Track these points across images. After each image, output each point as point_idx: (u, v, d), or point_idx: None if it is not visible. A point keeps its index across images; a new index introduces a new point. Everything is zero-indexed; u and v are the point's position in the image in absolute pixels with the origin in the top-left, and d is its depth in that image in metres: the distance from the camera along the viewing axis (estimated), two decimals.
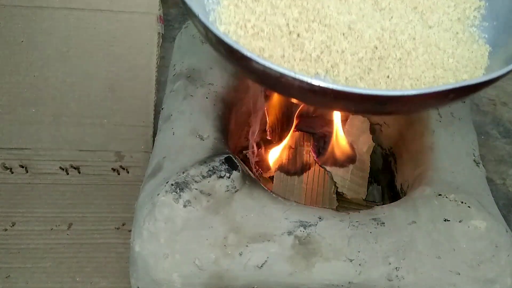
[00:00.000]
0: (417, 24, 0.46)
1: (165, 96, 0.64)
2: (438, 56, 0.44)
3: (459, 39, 0.46)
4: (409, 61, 0.43)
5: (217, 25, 0.43)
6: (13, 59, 0.79)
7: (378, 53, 0.42)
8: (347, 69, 0.41)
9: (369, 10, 0.45)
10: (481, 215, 0.50)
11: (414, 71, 0.42)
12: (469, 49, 0.46)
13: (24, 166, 0.73)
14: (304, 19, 0.42)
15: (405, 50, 0.43)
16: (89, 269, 0.64)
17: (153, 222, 0.48)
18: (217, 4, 0.44)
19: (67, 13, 0.82)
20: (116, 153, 0.76)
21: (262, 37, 0.42)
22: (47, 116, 0.77)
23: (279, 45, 0.42)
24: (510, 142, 0.88)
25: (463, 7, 0.49)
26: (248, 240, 0.48)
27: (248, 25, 0.43)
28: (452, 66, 0.43)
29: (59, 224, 0.68)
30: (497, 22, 0.48)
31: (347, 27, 0.42)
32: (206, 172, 0.49)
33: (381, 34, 0.43)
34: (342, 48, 0.42)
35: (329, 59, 0.41)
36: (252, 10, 0.43)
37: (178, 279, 0.48)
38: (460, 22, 0.48)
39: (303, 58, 0.41)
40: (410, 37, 0.44)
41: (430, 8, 0.48)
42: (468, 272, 0.49)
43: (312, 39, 0.42)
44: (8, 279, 0.62)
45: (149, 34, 0.83)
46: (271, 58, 0.41)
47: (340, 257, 0.49)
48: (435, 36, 0.45)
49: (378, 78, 0.42)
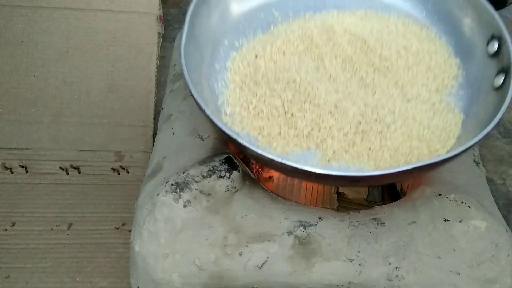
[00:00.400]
0: (397, 98, 0.50)
1: (165, 96, 0.64)
2: (414, 128, 0.48)
3: (435, 110, 0.50)
4: (389, 133, 0.47)
5: (225, 107, 0.50)
6: (13, 59, 0.79)
7: (361, 127, 0.48)
8: (334, 143, 0.47)
9: (355, 88, 0.50)
10: (481, 215, 0.50)
11: (393, 142, 0.47)
12: (444, 118, 0.49)
13: (24, 166, 0.73)
14: (297, 100, 0.49)
15: (385, 123, 0.48)
16: (89, 269, 0.64)
17: (153, 222, 0.48)
18: (225, 87, 0.51)
19: (67, 13, 0.82)
20: (116, 153, 0.76)
21: (262, 117, 0.49)
22: (47, 116, 0.77)
23: (276, 123, 0.48)
24: (510, 142, 0.88)
25: (442, 77, 0.52)
26: (248, 240, 0.48)
27: (251, 107, 0.49)
28: (427, 137, 0.48)
29: (59, 224, 0.68)
30: (472, 90, 0.51)
31: (334, 106, 0.48)
32: (206, 172, 0.49)
33: (364, 110, 0.48)
34: (329, 125, 0.47)
35: (319, 135, 0.47)
36: (254, 92, 0.50)
37: (178, 279, 0.48)
38: (438, 93, 0.51)
39: (296, 134, 0.48)
40: (390, 111, 0.49)
41: (410, 82, 0.51)
42: (468, 272, 0.49)
43: (304, 118, 0.48)
44: (8, 279, 0.62)
45: (149, 34, 0.83)
46: (269, 136, 0.48)
47: (340, 257, 0.49)
48: (412, 110, 0.49)
49: (361, 150, 0.47)
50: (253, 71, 0.52)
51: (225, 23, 0.55)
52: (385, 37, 0.54)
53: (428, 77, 0.52)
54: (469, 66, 0.52)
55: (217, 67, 0.53)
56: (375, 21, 0.56)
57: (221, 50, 0.54)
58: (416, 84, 0.51)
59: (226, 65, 0.53)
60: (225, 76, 0.52)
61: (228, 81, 0.52)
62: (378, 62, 0.52)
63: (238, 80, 0.52)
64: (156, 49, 0.83)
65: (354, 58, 0.53)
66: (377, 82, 0.51)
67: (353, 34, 0.54)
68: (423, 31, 0.56)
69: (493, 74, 0.49)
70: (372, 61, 0.53)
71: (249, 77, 0.52)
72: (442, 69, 0.52)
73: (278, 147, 0.47)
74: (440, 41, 0.55)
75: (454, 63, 0.53)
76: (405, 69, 0.52)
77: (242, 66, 0.53)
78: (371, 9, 0.58)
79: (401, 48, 0.53)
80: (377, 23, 0.56)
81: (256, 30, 0.56)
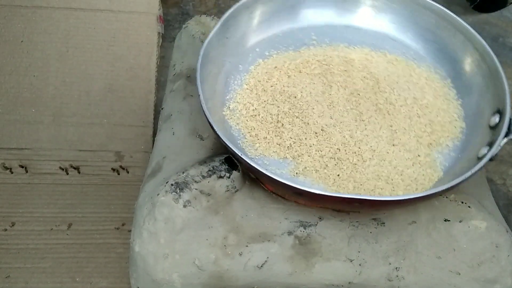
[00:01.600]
0: (383, 140, 0.52)
1: (165, 96, 0.64)
2: (386, 171, 0.50)
3: (416, 161, 0.51)
4: (361, 168, 0.50)
5: (231, 102, 0.55)
6: (13, 59, 0.79)
7: (339, 154, 0.51)
8: (309, 160, 0.50)
9: (349, 119, 0.54)
10: (481, 215, 0.50)
11: (361, 177, 0.50)
12: (421, 172, 0.51)
13: (24, 166, 0.73)
14: (291, 114, 0.54)
15: (362, 158, 0.51)
16: (89, 269, 0.64)
17: (153, 222, 0.48)
18: (239, 86, 0.57)
19: (67, 13, 0.82)
20: (116, 153, 0.76)
21: (257, 119, 0.54)
22: (47, 116, 0.77)
23: (266, 128, 0.53)
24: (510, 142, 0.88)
25: (440, 135, 0.54)
26: (248, 240, 0.48)
27: (251, 108, 0.54)
28: (395, 182, 0.50)
29: (59, 224, 0.68)
30: (462, 155, 0.52)
31: (321, 128, 0.53)
32: (206, 172, 0.49)
33: (347, 140, 0.52)
34: (310, 143, 0.52)
35: (298, 149, 0.51)
36: (259, 97, 0.56)
37: (178, 279, 0.48)
38: (429, 147, 0.53)
39: (279, 143, 0.52)
40: (370, 149, 0.52)
41: (404, 129, 0.53)
42: (468, 272, 0.49)
43: (291, 131, 0.52)
44: (8, 279, 0.62)
45: (149, 34, 0.83)
46: (256, 137, 0.52)
47: (340, 257, 0.49)
48: (393, 154, 0.52)
49: (330, 174, 0.50)
50: (267, 78, 0.57)
51: (262, 33, 0.61)
52: (400, 83, 0.58)
53: (426, 131, 0.54)
54: (470, 133, 0.54)
55: (240, 67, 0.58)
56: (402, 67, 0.60)
57: (250, 55, 0.60)
58: (409, 133, 0.53)
59: (249, 68, 0.59)
60: (243, 76, 0.58)
61: (243, 82, 0.57)
62: (382, 103, 0.55)
63: (252, 83, 0.57)
64: (156, 49, 0.83)
65: (362, 93, 0.56)
66: (373, 120, 0.54)
67: (370, 73, 0.58)
68: (443, 89, 0.58)
69: (484, 144, 0.50)
70: (377, 101, 0.56)
71: (261, 83, 0.57)
72: (444, 128, 0.54)
73: (259, 148, 0.51)
74: (455, 102, 0.57)
75: (459, 126, 0.55)
76: (405, 117, 0.55)
77: (261, 72, 0.58)
78: (405, 56, 0.61)
79: (411, 98, 0.56)
80: (402, 69, 0.59)
81: (289, 47, 0.61)
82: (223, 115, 0.54)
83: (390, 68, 0.59)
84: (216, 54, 0.56)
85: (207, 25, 0.67)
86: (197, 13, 1.01)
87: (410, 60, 0.60)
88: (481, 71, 0.55)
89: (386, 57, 0.61)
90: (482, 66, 0.55)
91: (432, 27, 0.60)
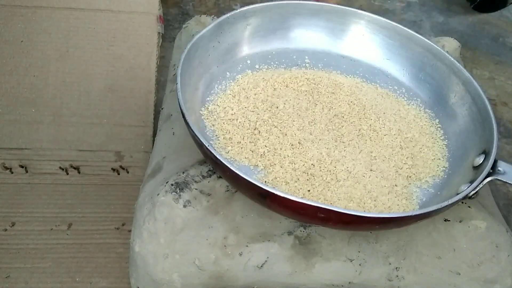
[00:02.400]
0: (361, 163, 0.50)
1: (165, 96, 0.64)
2: (360, 194, 0.48)
3: (392, 190, 0.49)
4: (333, 187, 0.48)
5: (210, 103, 0.54)
6: (13, 59, 0.79)
7: (312, 170, 0.49)
8: (280, 171, 0.48)
9: (329, 139, 0.52)
10: (481, 215, 0.50)
11: (332, 196, 0.47)
12: (395, 201, 0.49)
13: (24, 166, 0.73)
14: (270, 122, 0.52)
15: (336, 177, 0.49)
16: (89, 269, 0.64)
17: (153, 222, 0.48)
18: (222, 91, 0.56)
19: (67, 13, 0.82)
20: (116, 153, 0.76)
21: (234, 123, 0.52)
22: (47, 116, 0.77)
23: (241, 133, 0.51)
24: (510, 142, 0.88)
25: (421, 171, 0.52)
26: (248, 240, 0.48)
27: (230, 112, 0.53)
28: (367, 206, 0.47)
29: (59, 224, 0.68)
30: (441, 193, 0.50)
31: (298, 141, 0.51)
32: (206, 172, 0.49)
33: (323, 158, 0.50)
34: (285, 154, 0.49)
35: (270, 159, 0.49)
36: (240, 102, 0.55)
37: (178, 279, 0.48)
38: (408, 180, 0.51)
39: (253, 149, 0.50)
40: (346, 170, 0.49)
41: (383, 157, 0.52)
42: (468, 272, 0.49)
43: (267, 139, 0.51)
44: (8, 279, 0.62)
45: (149, 34, 0.83)
46: (230, 140, 0.51)
47: (340, 257, 0.49)
48: (369, 179, 0.49)
49: (300, 188, 0.47)
50: (252, 87, 0.56)
51: (256, 46, 0.61)
52: (387, 114, 0.57)
53: (406, 163, 0.52)
54: (452, 172, 0.52)
55: (228, 74, 0.58)
56: (390, 101, 0.59)
57: (240, 65, 0.59)
58: (389, 162, 0.52)
59: (236, 77, 0.58)
60: (229, 83, 0.57)
61: (227, 88, 0.57)
62: (365, 129, 0.54)
63: (236, 90, 0.56)
64: (156, 49, 0.83)
65: (346, 117, 0.55)
66: (353, 143, 0.53)
67: (358, 99, 0.58)
68: (431, 128, 0.57)
69: (466, 184, 0.48)
70: (361, 126, 0.55)
71: (246, 91, 0.56)
72: (425, 164, 0.53)
73: (231, 152, 0.50)
74: (441, 142, 0.56)
75: (442, 166, 0.53)
76: (387, 146, 0.53)
77: (247, 82, 0.57)
78: (396, 92, 0.61)
79: (396, 129, 0.55)
80: (391, 103, 0.59)
81: (280, 65, 0.61)
82: (200, 114, 0.53)
83: (379, 100, 0.59)
84: (204, 54, 0.55)
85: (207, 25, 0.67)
86: (197, 13, 1.01)
87: (400, 97, 0.60)
88: (471, 114, 0.55)
89: (377, 90, 0.60)
90: (473, 109, 0.55)
91: (427, 68, 0.60)
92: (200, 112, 0.53)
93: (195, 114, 0.52)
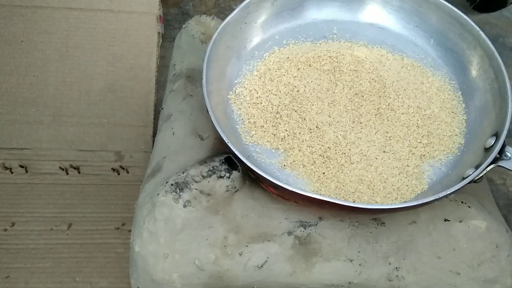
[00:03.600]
0: (375, 145, 0.52)
1: (165, 96, 0.64)
2: (370, 176, 0.50)
3: (403, 171, 0.51)
4: (347, 169, 0.50)
5: (238, 86, 0.57)
6: (13, 59, 0.79)
7: (328, 153, 0.51)
8: (298, 154, 0.51)
9: (347, 120, 0.54)
10: (481, 215, 0.50)
11: (344, 178, 0.50)
12: (406, 182, 0.50)
13: (24, 166, 0.73)
14: (291, 107, 0.55)
15: (350, 160, 0.51)
16: (89, 269, 0.64)
17: (153, 222, 0.48)
18: (250, 72, 0.58)
19: (67, 13, 0.82)
20: (116, 153, 0.76)
21: (258, 107, 0.55)
22: (47, 116, 0.77)
23: (264, 117, 0.54)
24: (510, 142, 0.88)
25: (436, 148, 0.53)
26: (248, 240, 0.48)
27: (255, 95, 0.56)
28: (376, 188, 0.50)
29: (59, 224, 0.68)
30: (451, 172, 0.51)
31: (316, 125, 0.53)
32: (206, 172, 0.49)
33: (339, 141, 0.52)
34: (303, 138, 0.52)
35: (290, 142, 0.52)
36: (265, 85, 0.57)
37: (178, 279, 0.48)
38: (421, 159, 0.52)
39: (274, 133, 0.53)
40: (360, 152, 0.52)
41: (399, 137, 0.53)
42: (468, 272, 0.49)
43: (288, 123, 0.53)
44: (8, 279, 0.62)
45: (149, 34, 0.83)
46: (254, 124, 0.53)
47: (340, 257, 0.49)
48: (381, 161, 0.51)
49: (315, 171, 0.50)
50: (277, 68, 0.58)
51: (284, 22, 0.62)
52: (408, 90, 0.57)
53: (421, 142, 0.53)
54: (466, 151, 0.53)
55: (256, 53, 0.59)
56: (415, 73, 0.59)
57: (269, 42, 0.60)
58: (403, 141, 0.53)
59: (264, 55, 0.59)
60: (256, 63, 0.59)
61: (255, 68, 0.58)
62: (383, 108, 0.55)
63: (262, 70, 0.58)
64: (156, 49, 0.83)
65: (366, 95, 0.56)
66: (370, 124, 0.54)
67: (379, 76, 0.58)
68: (452, 102, 0.57)
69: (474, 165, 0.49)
70: (380, 105, 0.55)
71: (271, 72, 0.58)
72: (441, 142, 0.53)
73: (255, 136, 0.53)
74: (461, 117, 0.56)
75: (458, 142, 0.54)
76: (403, 125, 0.54)
77: (273, 61, 0.59)
78: (422, 62, 0.60)
79: (414, 106, 0.55)
80: (415, 76, 0.59)
81: (308, 38, 0.61)
82: (227, 98, 0.55)
83: (402, 74, 0.58)
84: (231, 38, 0.57)
85: (207, 25, 0.67)
86: (197, 13, 1.01)
87: (426, 67, 0.60)
88: (492, 90, 0.55)
89: (403, 61, 0.60)
90: (495, 86, 0.54)
91: (456, 38, 0.59)
92: (227, 97, 0.55)
93: (222, 97, 0.54)
